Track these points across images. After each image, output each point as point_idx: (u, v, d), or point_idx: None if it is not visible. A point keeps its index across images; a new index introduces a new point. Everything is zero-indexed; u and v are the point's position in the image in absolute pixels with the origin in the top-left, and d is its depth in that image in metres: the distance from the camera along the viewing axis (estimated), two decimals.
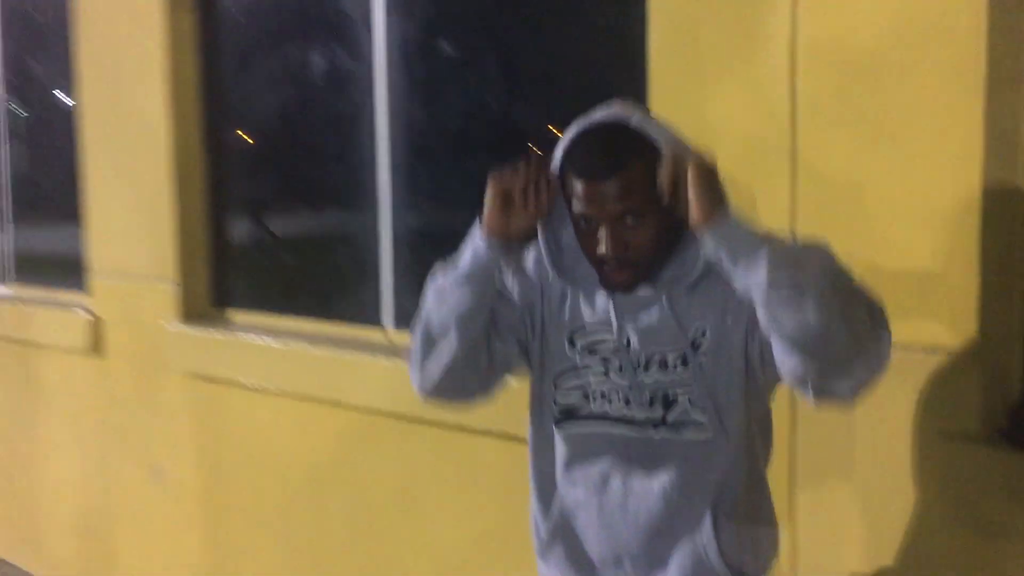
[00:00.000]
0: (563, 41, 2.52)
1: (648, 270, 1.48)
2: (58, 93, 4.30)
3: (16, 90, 4.58)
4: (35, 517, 4.35)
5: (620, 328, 1.53)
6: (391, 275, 2.92)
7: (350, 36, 2.97)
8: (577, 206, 1.46)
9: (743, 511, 1.55)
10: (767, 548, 1.62)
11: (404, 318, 2.90)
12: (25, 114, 4.57)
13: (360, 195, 2.98)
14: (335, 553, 3.00)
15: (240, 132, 3.45)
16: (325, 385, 2.92)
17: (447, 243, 1.63)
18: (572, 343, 1.58)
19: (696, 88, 2.05)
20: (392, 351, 2.81)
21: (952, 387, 1.75)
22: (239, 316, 3.42)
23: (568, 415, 1.59)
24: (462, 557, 2.66)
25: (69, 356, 3.97)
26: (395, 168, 2.88)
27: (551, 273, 1.57)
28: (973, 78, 1.69)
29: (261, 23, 3.31)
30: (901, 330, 1.54)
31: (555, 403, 1.60)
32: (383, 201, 2.90)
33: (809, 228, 1.89)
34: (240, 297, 3.46)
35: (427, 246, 2.86)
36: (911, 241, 1.78)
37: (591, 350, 1.56)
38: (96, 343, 3.79)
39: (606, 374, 1.55)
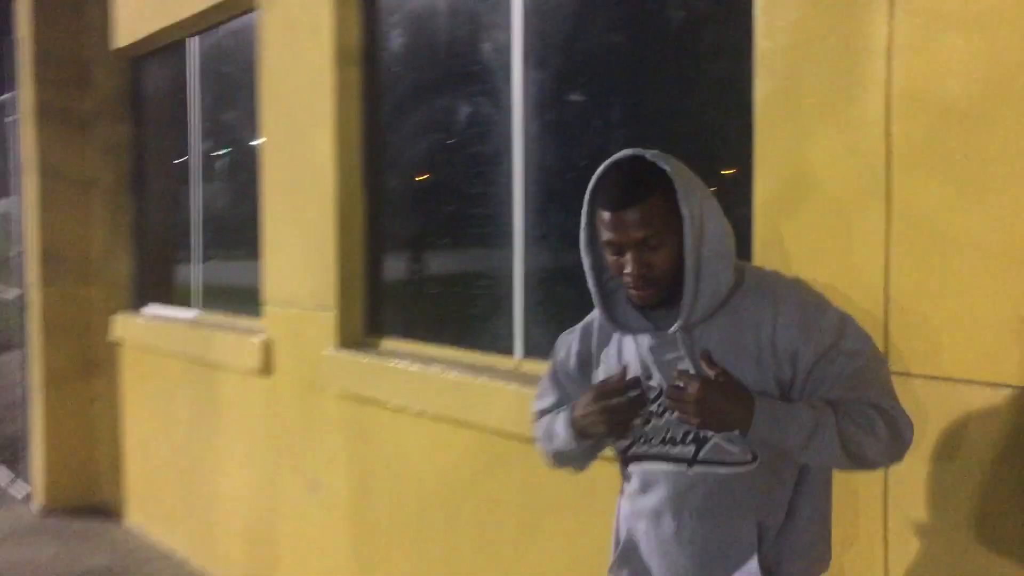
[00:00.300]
0: (679, 89, 2.68)
1: (668, 288, 1.64)
2: (246, 141, 4.80)
3: (212, 137, 5.13)
4: (212, 521, 4.80)
5: (652, 375, 1.71)
6: (522, 308, 3.13)
7: (492, 86, 3.23)
8: (605, 235, 1.66)
9: (789, 531, 1.68)
10: (818, 561, 1.71)
11: (533, 348, 3.10)
12: (220, 154, 5.11)
13: (497, 233, 3.22)
14: (464, 561, 3.20)
15: (404, 175, 3.77)
16: (460, 407, 3.15)
17: (574, 280, 1.88)
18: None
19: (798, 135, 2.15)
20: (520, 378, 3.01)
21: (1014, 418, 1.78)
22: (388, 343, 3.72)
23: (625, 457, 1.81)
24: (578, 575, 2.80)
25: (244, 376, 4.40)
26: (528, 208, 3.10)
27: (604, 324, 1.79)
28: None
29: (415, 75, 3.63)
30: (991, 370, 1.62)
31: (618, 448, 1.82)
32: (517, 239, 3.13)
33: (902, 272, 1.96)
34: (390, 326, 3.76)
35: (556, 282, 3.05)
36: (1002, 286, 1.82)
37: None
38: (266, 364, 4.19)
39: (648, 418, 1.72)
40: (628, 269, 1.64)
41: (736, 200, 2.26)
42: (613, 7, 2.85)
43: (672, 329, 1.66)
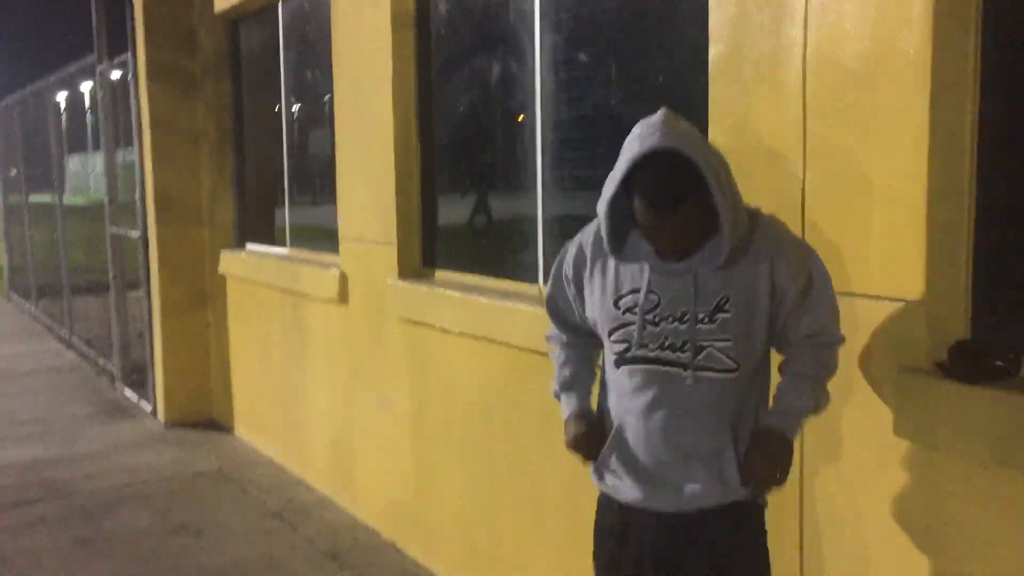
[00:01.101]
0: (658, 51, 3.09)
1: (692, 250, 2.01)
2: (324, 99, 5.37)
3: (297, 94, 5.73)
4: (302, 433, 5.50)
5: (652, 292, 2.05)
6: (542, 243, 3.61)
7: (517, 48, 3.69)
8: (642, 218, 1.96)
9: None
10: None
11: None
12: (304, 109, 5.71)
13: (523, 178, 3.70)
14: (498, 458, 3.76)
15: (450, 127, 4.28)
16: (493, 327, 3.67)
17: (585, 218, 2.28)
18: (617, 306, 2.10)
19: (740, 92, 2.56)
20: (542, 302, 3.49)
21: (906, 329, 2.18)
22: (440, 274, 4.26)
23: (621, 359, 2.11)
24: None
25: (325, 304, 5.03)
26: (545, 156, 3.57)
27: (607, 254, 2.11)
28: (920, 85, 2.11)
29: (457, 38, 4.11)
30: (873, 283, 2.10)
31: (612, 351, 2.14)
32: (538, 183, 3.60)
33: (815, 202, 2.37)
34: (441, 258, 4.30)
35: (570, 220, 3.52)
36: (890, 211, 2.21)
37: (631, 309, 2.07)
38: (342, 294, 4.81)
39: (644, 327, 2.05)
40: (664, 240, 1.96)
41: None
42: None
43: (716, 266, 2.00)
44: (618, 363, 2.13)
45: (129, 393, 7.70)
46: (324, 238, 5.29)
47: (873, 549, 2.32)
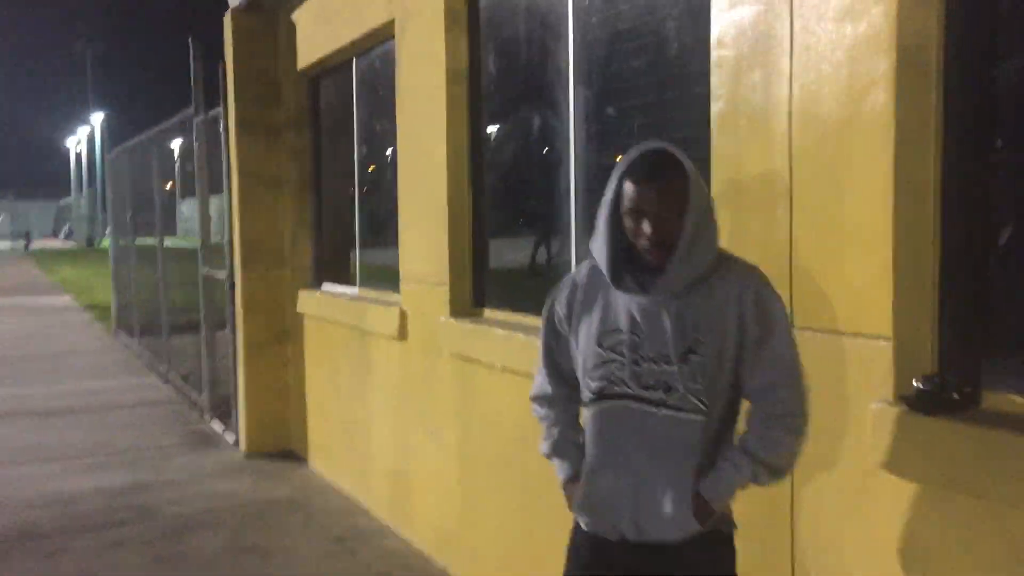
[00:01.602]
0: (673, 106, 3.32)
1: (671, 253, 2.10)
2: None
3: (368, 144, 6.12)
4: (365, 464, 5.80)
5: (634, 333, 2.19)
6: None
7: (553, 101, 3.96)
8: (630, 204, 2.11)
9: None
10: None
11: None
12: (373, 158, 6.09)
13: (559, 223, 3.95)
14: (535, 487, 3.96)
15: (497, 174, 4.56)
16: (532, 363, 3.88)
17: None
18: (601, 345, 2.23)
19: (736, 144, 2.76)
20: None
21: (880, 363, 2.33)
22: (488, 312, 4.52)
23: (599, 396, 2.24)
24: None
25: (387, 341, 5.34)
26: (578, 202, 3.81)
27: (591, 284, 2.29)
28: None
29: (503, 92, 4.40)
30: (852, 322, 2.28)
31: (589, 389, 2.26)
32: (572, 228, 3.84)
33: (801, 246, 2.54)
34: (489, 298, 4.56)
35: None
36: (867, 256, 2.37)
37: (614, 349, 2.21)
38: (402, 331, 5.11)
39: (624, 367, 2.19)
40: (647, 231, 2.09)
41: None
42: (632, 45, 3.52)
43: (660, 287, 2.14)
44: (595, 400, 2.26)
45: (216, 425, 8.16)
46: (392, 278, 5.62)
47: (855, 571, 2.44)
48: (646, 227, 2.11)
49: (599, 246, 2.23)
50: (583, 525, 2.36)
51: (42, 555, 5.12)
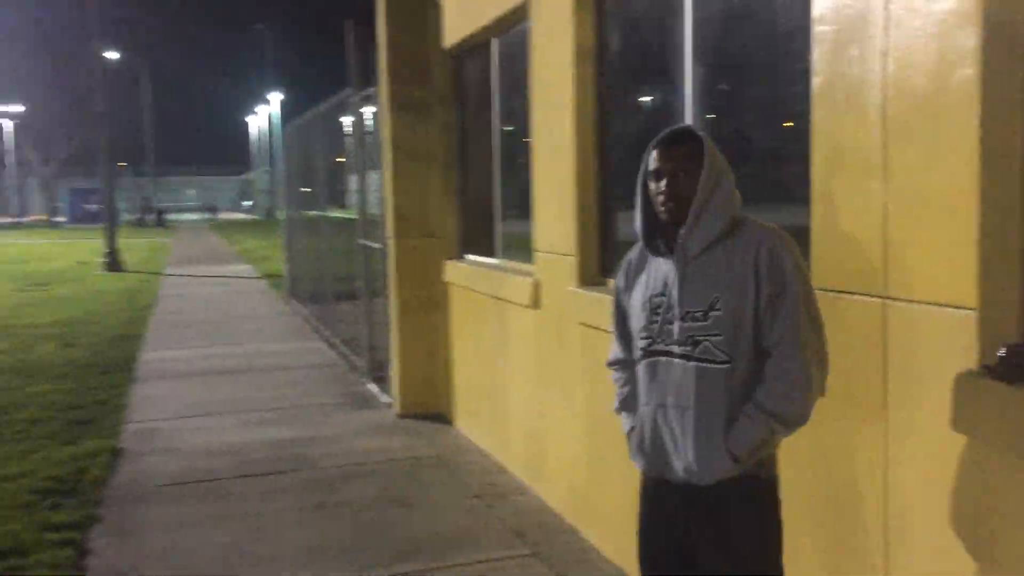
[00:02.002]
0: (779, 81, 3.37)
1: (686, 211, 2.43)
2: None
3: (507, 120, 6.36)
4: (504, 426, 6.11)
5: (666, 295, 2.50)
6: None
7: (671, 78, 4.07)
8: (652, 165, 2.48)
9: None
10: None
11: None
12: (511, 133, 6.33)
13: None
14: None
15: (621, 148, 4.71)
16: None
17: None
18: (645, 308, 2.56)
19: (834, 118, 2.82)
20: None
21: (964, 333, 2.37)
22: (613, 281, 4.68)
23: (644, 353, 2.57)
24: None
25: (522, 309, 5.60)
26: None
27: (637, 259, 2.64)
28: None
29: (626, 69, 4.53)
30: (938, 292, 2.38)
31: (638, 348, 2.60)
32: None
33: (894, 218, 2.60)
34: (615, 267, 4.72)
35: None
36: (951, 228, 2.42)
37: (654, 310, 2.53)
38: (535, 300, 5.35)
39: (661, 326, 2.51)
40: (662, 188, 2.45)
41: (796, 159, 2.98)
42: (745, 22, 3.58)
43: (680, 248, 2.45)
44: (642, 357, 2.59)
45: (372, 387, 8.70)
46: (530, 250, 5.87)
47: (941, 536, 2.51)
48: (662, 185, 2.45)
49: (635, 215, 2.57)
50: (639, 468, 2.64)
51: (217, 497, 5.71)
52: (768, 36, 3.45)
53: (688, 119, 3.93)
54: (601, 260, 4.81)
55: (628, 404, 2.75)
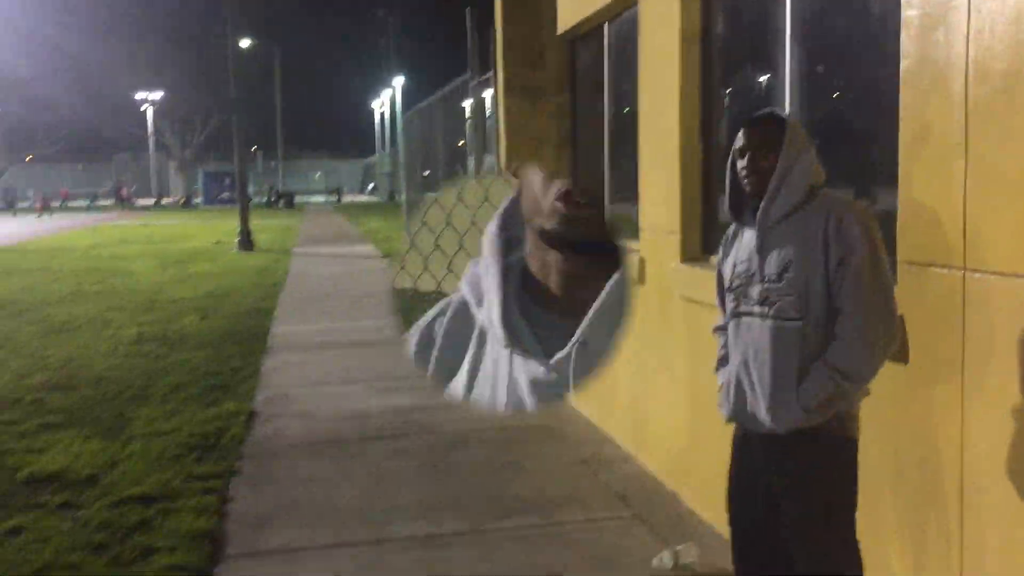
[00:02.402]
0: (869, 65, 3.50)
1: (767, 184, 2.70)
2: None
3: (617, 103, 6.58)
4: (610, 397, 6.35)
5: (749, 262, 2.78)
6: None
7: (772, 61, 4.22)
8: (736, 145, 2.80)
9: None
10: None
11: None
12: (621, 116, 6.53)
13: None
14: None
15: (725, 130, 4.87)
16: None
17: None
18: (733, 273, 2.89)
19: (919, 102, 2.95)
20: None
21: None
22: (714, 258, 4.86)
23: (731, 314, 2.88)
24: None
25: (632, 284, 5.81)
26: None
27: (730, 234, 2.93)
28: None
29: (730, 52, 4.69)
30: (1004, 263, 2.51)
31: (728, 310, 2.92)
32: None
33: (975, 197, 2.73)
34: (716, 245, 4.89)
35: None
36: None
37: (740, 276, 2.83)
38: (641, 275, 5.57)
39: (744, 289, 2.79)
40: (744, 163, 2.76)
41: (887, 139, 3.13)
42: (841, 5, 3.71)
43: (760, 217, 2.73)
44: (731, 318, 2.92)
45: None
46: (635, 227, 6.08)
47: (1009, 504, 2.64)
48: (745, 160, 2.75)
49: (725, 189, 2.87)
50: (725, 418, 2.91)
51: (345, 457, 6.17)
52: (864, 19, 3.58)
53: (787, 102, 4.08)
54: (703, 238, 5.00)
55: (723, 362, 3.02)
